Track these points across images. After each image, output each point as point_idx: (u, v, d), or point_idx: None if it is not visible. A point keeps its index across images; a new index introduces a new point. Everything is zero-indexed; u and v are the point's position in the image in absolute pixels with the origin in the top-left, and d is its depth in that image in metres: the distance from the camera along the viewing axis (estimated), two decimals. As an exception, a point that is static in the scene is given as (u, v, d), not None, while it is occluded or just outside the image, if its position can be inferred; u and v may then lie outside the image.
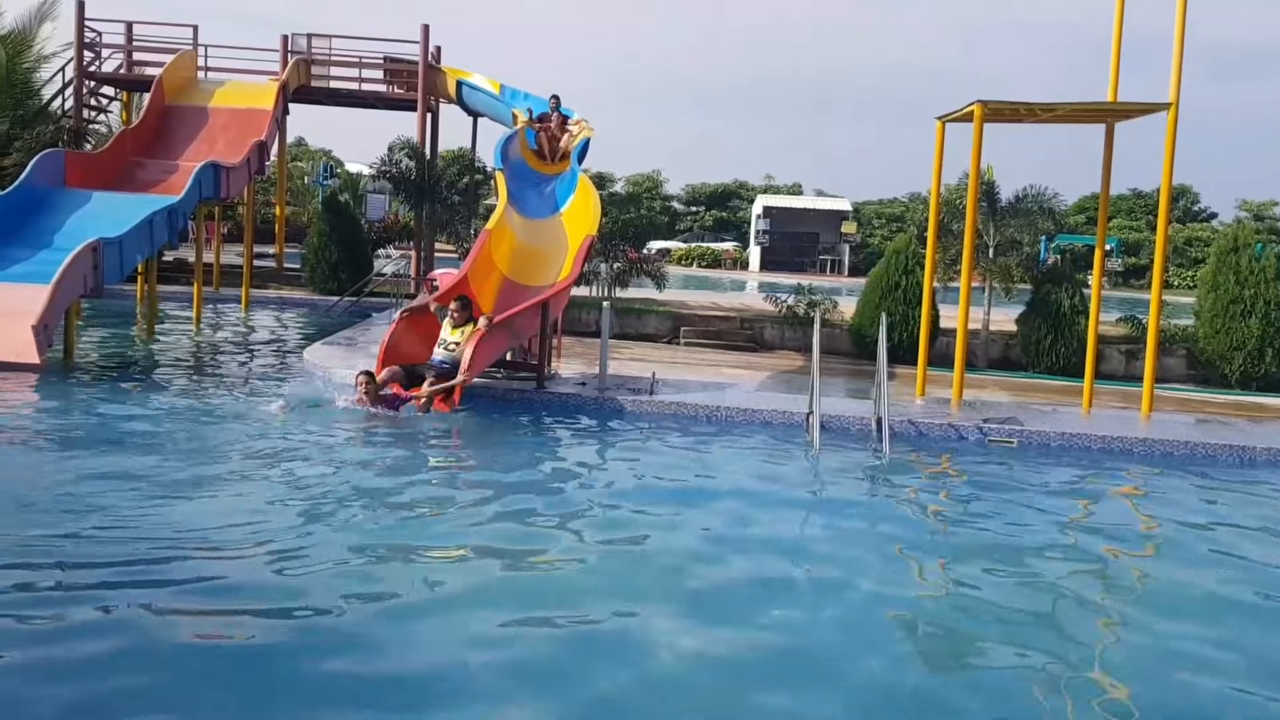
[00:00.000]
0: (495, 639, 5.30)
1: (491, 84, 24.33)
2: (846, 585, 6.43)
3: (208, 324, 18.92)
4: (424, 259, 25.50)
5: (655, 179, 67.88)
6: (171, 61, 22.21)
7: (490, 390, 11.92)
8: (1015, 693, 5.10)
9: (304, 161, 51.89)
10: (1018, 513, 8.46)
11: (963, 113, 12.94)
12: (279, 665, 4.89)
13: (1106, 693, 5.20)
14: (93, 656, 4.81)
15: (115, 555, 6.09)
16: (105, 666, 4.73)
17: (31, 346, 11.98)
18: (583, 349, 15.74)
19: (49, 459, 8.41)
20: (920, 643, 5.73)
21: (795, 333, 19.29)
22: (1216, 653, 5.71)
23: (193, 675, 4.75)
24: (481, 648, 5.17)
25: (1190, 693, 5.24)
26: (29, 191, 15.63)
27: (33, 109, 23.48)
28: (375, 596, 5.76)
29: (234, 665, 4.91)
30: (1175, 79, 12.42)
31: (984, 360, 18.80)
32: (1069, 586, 6.75)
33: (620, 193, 51.19)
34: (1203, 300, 18.28)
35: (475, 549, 6.76)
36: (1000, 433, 11.12)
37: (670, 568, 6.53)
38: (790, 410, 11.43)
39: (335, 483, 8.10)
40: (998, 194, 19.54)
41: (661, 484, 8.65)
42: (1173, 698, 5.18)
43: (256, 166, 20.71)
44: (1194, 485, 9.96)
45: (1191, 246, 55.96)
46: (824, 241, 57.10)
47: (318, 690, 4.69)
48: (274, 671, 4.83)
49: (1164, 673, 5.47)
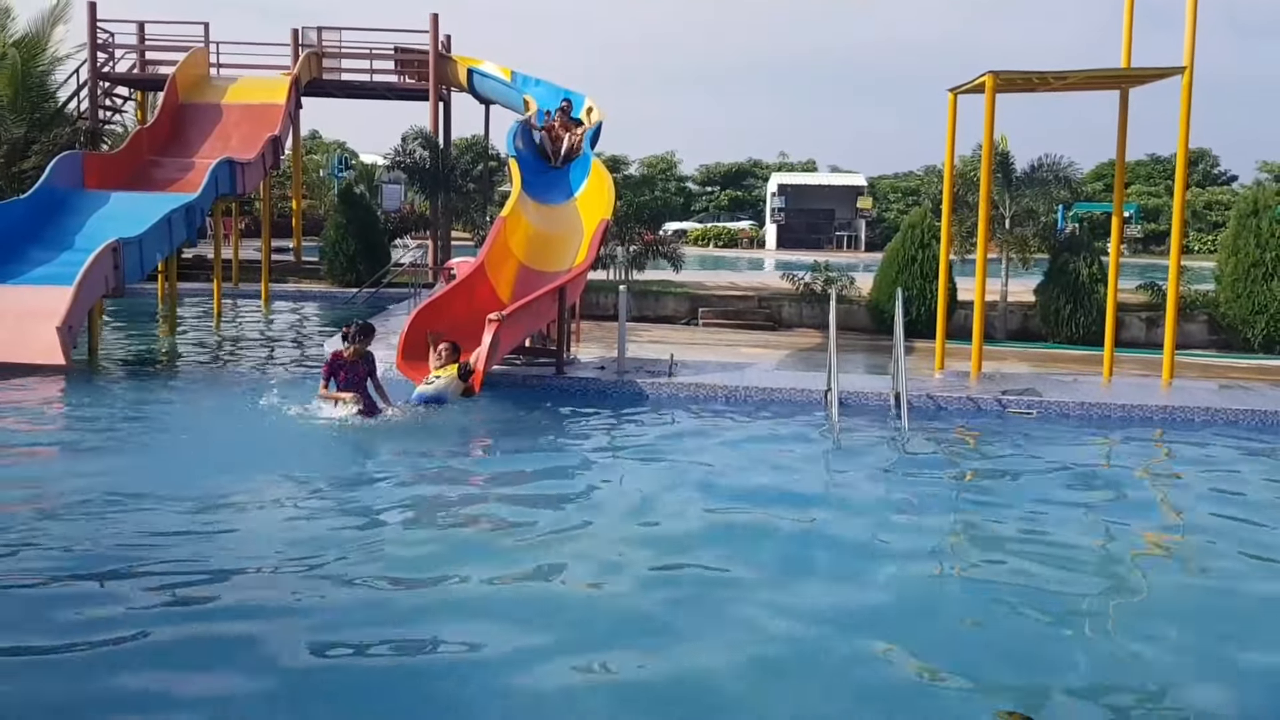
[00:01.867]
0: (530, 638, 5.37)
1: (502, 71, 24.36)
2: (866, 562, 6.48)
3: (227, 320, 19.08)
4: (441, 248, 25.61)
5: (670, 160, 67.82)
6: (184, 60, 22.41)
7: (509, 376, 12.00)
8: (1043, 664, 5.14)
9: (319, 154, 52.05)
10: (1036, 485, 8.48)
11: (974, 84, 12.87)
12: (316, 667, 4.98)
13: (1146, 672, 5.22)
14: (125, 660, 4.88)
15: (148, 560, 6.15)
16: (135, 669, 4.81)
17: (57, 348, 12.14)
18: (602, 333, 15.80)
19: (77, 461, 8.52)
20: (942, 622, 5.76)
21: (813, 310, 19.29)
22: (1240, 624, 5.74)
23: (233, 678, 4.84)
24: (514, 641, 5.24)
25: (1219, 657, 5.27)
26: (49, 194, 15.81)
27: (49, 112, 23.67)
28: (411, 590, 5.84)
29: (267, 667, 4.99)
30: (1189, 42, 12.32)
31: (1003, 332, 18.76)
32: (1088, 558, 6.77)
33: (635, 175, 51.10)
34: (1223, 265, 18.16)
35: (495, 540, 6.83)
36: (1019, 404, 11.12)
37: (687, 549, 6.58)
38: (808, 388, 11.46)
39: (358, 476, 8.20)
40: (1012, 164, 19.44)
41: (680, 467, 8.69)
42: (1203, 665, 5.21)
43: (271, 161, 20.85)
44: (1213, 451, 9.93)
45: (1211, 210, 55.53)
46: (840, 218, 56.94)
47: (364, 688, 4.77)
48: (310, 672, 4.92)
49: (1197, 642, 5.50)
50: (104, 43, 24.98)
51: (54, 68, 23.94)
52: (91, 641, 5.00)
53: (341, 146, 58.63)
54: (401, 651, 5.04)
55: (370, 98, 27.68)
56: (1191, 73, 12.34)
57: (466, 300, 12.57)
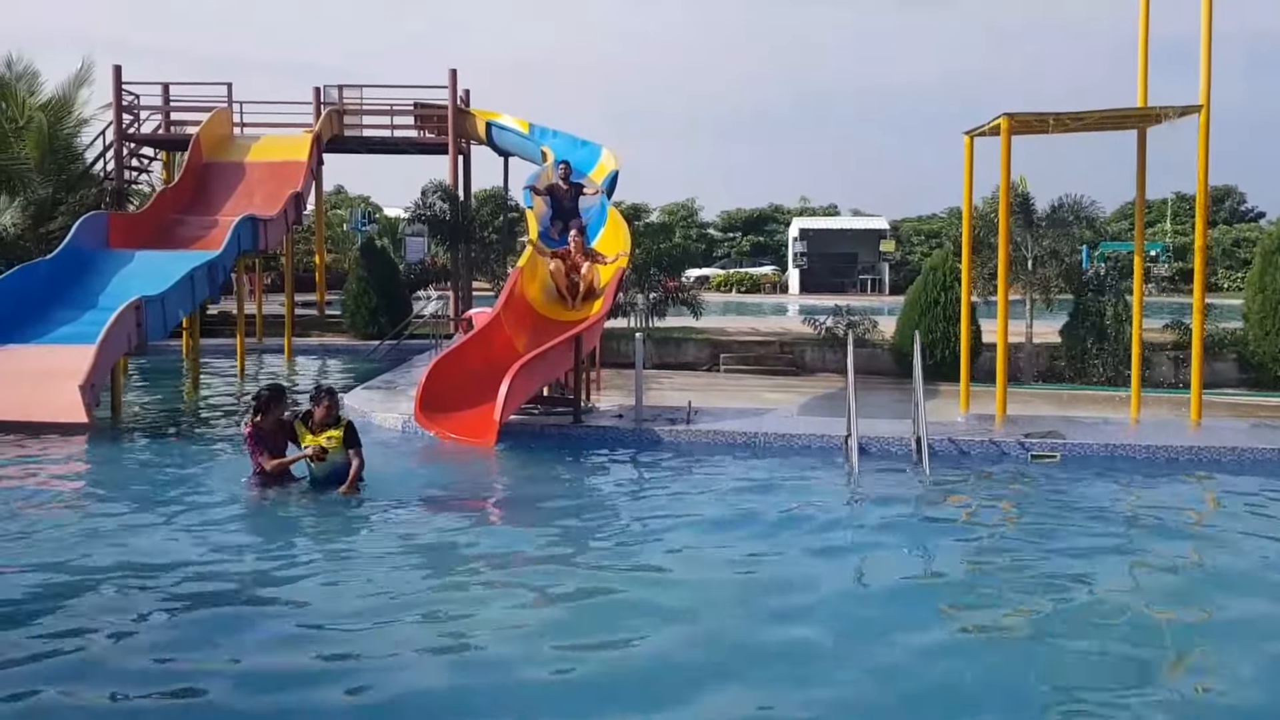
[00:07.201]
0: (550, 678, 5.30)
1: (520, 123, 24.57)
2: (883, 613, 6.34)
3: (250, 375, 19.16)
4: (461, 298, 25.72)
5: (690, 207, 68.06)
6: (208, 120, 22.74)
7: (528, 426, 11.94)
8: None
9: (343, 209, 52.63)
10: (1058, 531, 8.29)
11: (989, 127, 12.83)
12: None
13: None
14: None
15: (172, 620, 6.11)
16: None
17: (79, 406, 12.20)
18: (622, 380, 15.72)
19: (98, 520, 8.48)
20: (963, 672, 5.61)
21: (835, 354, 19.14)
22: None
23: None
24: (540, 685, 5.14)
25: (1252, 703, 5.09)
26: (74, 254, 16.00)
27: (76, 173, 24.05)
28: (431, 644, 5.77)
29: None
30: (1205, 81, 12.25)
31: (1030, 373, 18.54)
32: (1113, 610, 6.58)
33: (655, 222, 51.29)
34: (1250, 302, 17.91)
35: (514, 593, 6.74)
36: (1043, 447, 10.94)
37: (702, 604, 6.46)
38: (828, 433, 11.34)
39: (378, 526, 8.14)
40: (1033, 205, 19.33)
41: (695, 518, 8.56)
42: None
43: (293, 217, 21.06)
44: (1241, 491, 9.72)
45: (1240, 248, 55.04)
46: (863, 261, 56.80)
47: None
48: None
49: (1228, 689, 5.32)
50: (129, 104, 25.43)
51: (80, 129, 24.37)
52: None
53: (365, 201, 59.24)
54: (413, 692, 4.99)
55: (391, 153, 27.99)
56: (1208, 111, 12.25)
57: (483, 351, 12.57)
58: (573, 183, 16.80)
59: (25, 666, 5.35)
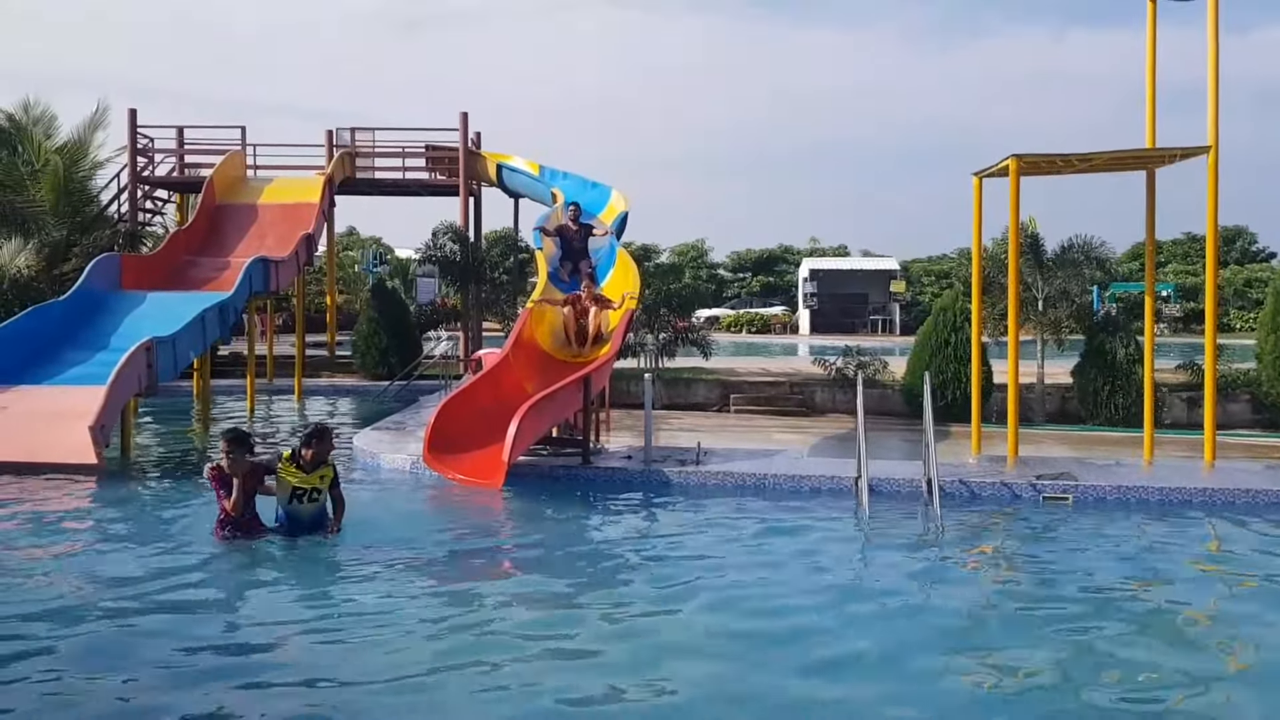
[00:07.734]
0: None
1: (530, 165, 24.74)
2: (892, 655, 6.25)
3: (260, 415, 19.18)
4: (472, 338, 25.77)
5: (700, 247, 68.33)
6: (221, 162, 22.95)
7: (536, 468, 11.90)
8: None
9: (355, 250, 52.95)
10: (1069, 575, 8.17)
11: (998, 168, 12.86)
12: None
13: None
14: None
15: (180, 665, 6.05)
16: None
17: (89, 448, 12.21)
18: (632, 421, 15.71)
19: (108, 562, 8.43)
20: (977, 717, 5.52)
21: (846, 395, 19.11)
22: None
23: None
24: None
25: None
26: (86, 296, 16.10)
27: (90, 215, 24.22)
28: (440, 697, 5.70)
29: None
30: (1212, 121, 12.27)
31: (1042, 414, 18.47)
32: (1126, 656, 6.49)
33: (665, 263, 51.53)
34: (1263, 343, 17.85)
35: (519, 645, 6.67)
36: (1055, 489, 10.85)
37: (713, 646, 6.39)
38: (838, 475, 11.27)
39: (383, 573, 8.09)
40: (1042, 246, 19.35)
41: (702, 560, 8.45)
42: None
43: (305, 258, 21.17)
44: (1255, 533, 9.62)
45: (1252, 288, 54.93)
46: (873, 301, 56.90)
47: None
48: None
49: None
50: (144, 147, 25.71)
51: (95, 172, 24.58)
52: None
53: (377, 242, 59.67)
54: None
55: (403, 194, 28.16)
56: (1217, 152, 12.26)
57: (493, 391, 12.57)
58: (582, 224, 16.82)
59: None
